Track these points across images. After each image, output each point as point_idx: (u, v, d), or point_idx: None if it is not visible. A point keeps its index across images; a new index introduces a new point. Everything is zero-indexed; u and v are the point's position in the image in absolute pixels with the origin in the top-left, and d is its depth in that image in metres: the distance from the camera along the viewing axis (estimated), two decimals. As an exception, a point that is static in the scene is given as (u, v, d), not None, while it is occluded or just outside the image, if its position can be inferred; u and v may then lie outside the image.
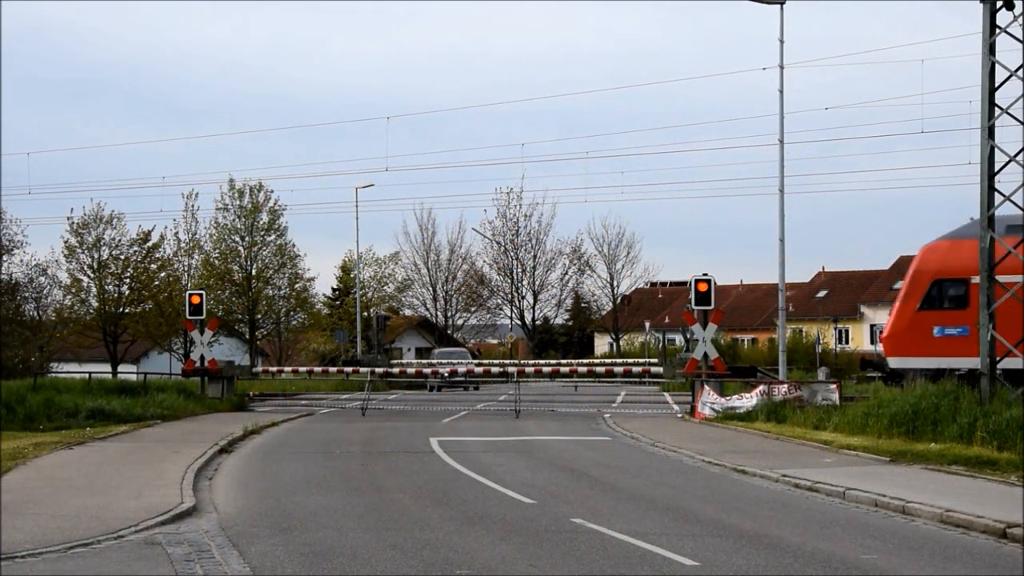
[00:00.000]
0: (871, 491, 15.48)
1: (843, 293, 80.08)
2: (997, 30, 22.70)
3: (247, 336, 58.25)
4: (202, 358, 36.62)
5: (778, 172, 32.12)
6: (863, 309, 77.44)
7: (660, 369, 34.13)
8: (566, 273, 75.76)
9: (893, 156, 79.39)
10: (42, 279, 53.15)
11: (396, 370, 38.24)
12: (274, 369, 39.82)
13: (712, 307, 31.29)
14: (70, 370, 44.69)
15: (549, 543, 12.34)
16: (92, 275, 53.94)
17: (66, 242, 64.85)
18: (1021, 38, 22.40)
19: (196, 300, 36.49)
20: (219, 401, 35.11)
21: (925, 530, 13.31)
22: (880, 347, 32.37)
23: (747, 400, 29.57)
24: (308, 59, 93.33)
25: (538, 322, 77.08)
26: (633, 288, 78.53)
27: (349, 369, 39.14)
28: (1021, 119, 22.60)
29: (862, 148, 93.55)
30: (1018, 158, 22.60)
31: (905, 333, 29.62)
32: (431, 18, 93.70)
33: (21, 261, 52.31)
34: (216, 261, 57.02)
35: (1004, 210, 23.40)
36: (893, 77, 78.75)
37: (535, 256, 74.34)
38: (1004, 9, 22.70)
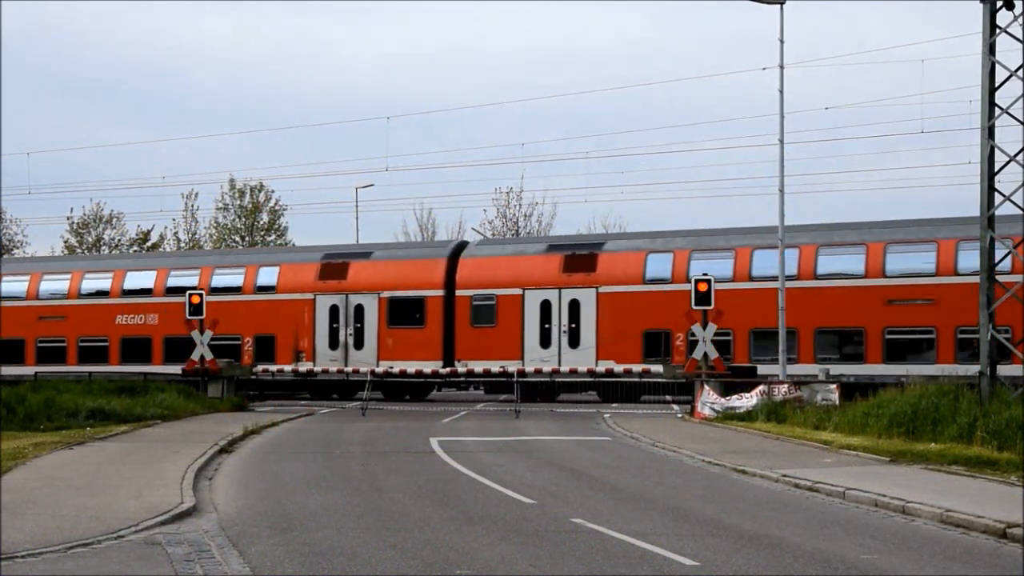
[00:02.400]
0: (871, 491, 15.47)
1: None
2: (997, 30, 22.72)
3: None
4: (202, 358, 36.61)
5: (778, 172, 32.11)
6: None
7: (660, 369, 34.09)
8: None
9: (893, 156, 79.23)
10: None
11: (396, 370, 38.22)
12: (274, 369, 39.78)
13: (712, 307, 31.29)
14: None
15: (549, 543, 12.34)
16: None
17: (66, 242, 65.22)
18: (1021, 38, 22.41)
19: (196, 300, 36.45)
20: (219, 401, 35.08)
21: (925, 530, 13.30)
22: None
23: (747, 400, 29.56)
24: (308, 59, 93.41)
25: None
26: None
27: (349, 369, 39.09)
28: (1021, 119, 22.62)
29: (862, 148, 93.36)
30: (1018, 158, 22.61)
31: None
32: (432, 18, 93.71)
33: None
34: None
35: (1004, 210, 23.40)
36: (893, 77, 78.69)
37: (535, 256, 74.11)
38: (1004, 9, 22.73)
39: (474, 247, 40.12)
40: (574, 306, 35.90)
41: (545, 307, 36.25)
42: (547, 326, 36.25)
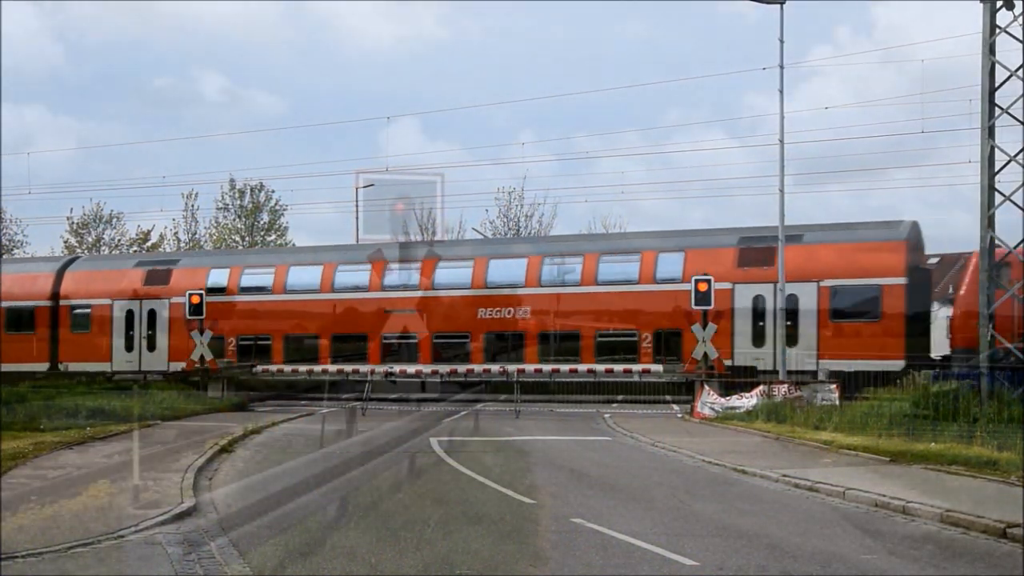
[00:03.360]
0: (871, 491, 15.47)
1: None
2: (997, 30, 22.71)
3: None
4: (202, 358, 36.60)
5: (778, 172, 32.12)
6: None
7: (660, 369, 34.10)
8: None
9: (893, 156, 79.30)
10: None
11: (397, 369, 38.20)
12: (274, 368, 39.75)
13: (712, 307, 31.30)
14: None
15: (549, 543, 12.34)
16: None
17: (66, 242, 65.13)
18: (1021, 38, 22.41)
19: (196, 300, 36.44)
20: (219, 401, 35.08)
21: (925, 530, 13.30)
22: None
23: (747, 400, 29.55)
24: (308, 59, 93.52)
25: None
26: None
27: (349, 368, 39.05)
28: (1021, 119, 22.62)
29: (862, 148, 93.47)
30: (1018, 158, 22.61)
31: None
32: (432, 17, 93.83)
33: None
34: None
35: (1004, 210, 23.41)
36: (893, 77, 78.76)
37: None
38: (1004, 9, 22.72)
39: None
40: None
41: None
42: None
